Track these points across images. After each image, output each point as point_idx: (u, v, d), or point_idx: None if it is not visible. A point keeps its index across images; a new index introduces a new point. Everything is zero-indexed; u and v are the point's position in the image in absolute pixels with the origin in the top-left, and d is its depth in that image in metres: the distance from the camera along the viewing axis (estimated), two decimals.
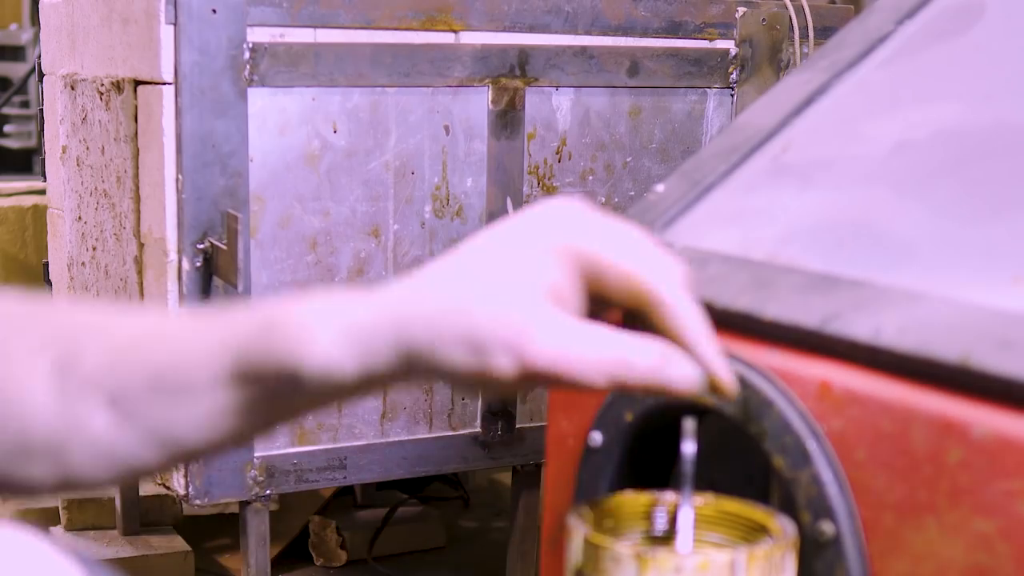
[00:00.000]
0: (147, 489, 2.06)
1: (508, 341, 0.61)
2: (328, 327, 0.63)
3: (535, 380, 0.62)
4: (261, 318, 0.65)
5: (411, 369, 0.63)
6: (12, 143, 4.41)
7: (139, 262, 1.69)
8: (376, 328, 0.63)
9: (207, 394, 0.66)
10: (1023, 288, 0.72)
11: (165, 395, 0.67)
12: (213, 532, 2.22)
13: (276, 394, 0.66)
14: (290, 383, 0.64)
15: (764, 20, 1.91)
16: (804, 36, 1.93)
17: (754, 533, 0.68)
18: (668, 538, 0.69)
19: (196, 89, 1.56)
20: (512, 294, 0.62)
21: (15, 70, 3.32)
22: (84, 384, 0.68)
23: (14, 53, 3.39)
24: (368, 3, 1.65)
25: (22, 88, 3.23)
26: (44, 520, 2.16)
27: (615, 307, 0.66)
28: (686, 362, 0.64)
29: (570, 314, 0.63)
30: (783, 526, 0.67)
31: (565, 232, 0.65)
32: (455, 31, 1.72)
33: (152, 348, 0.67)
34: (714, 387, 0.65)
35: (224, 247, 1.56)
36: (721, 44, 1.90)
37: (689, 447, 0.71)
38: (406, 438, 1.77)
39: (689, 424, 0.71)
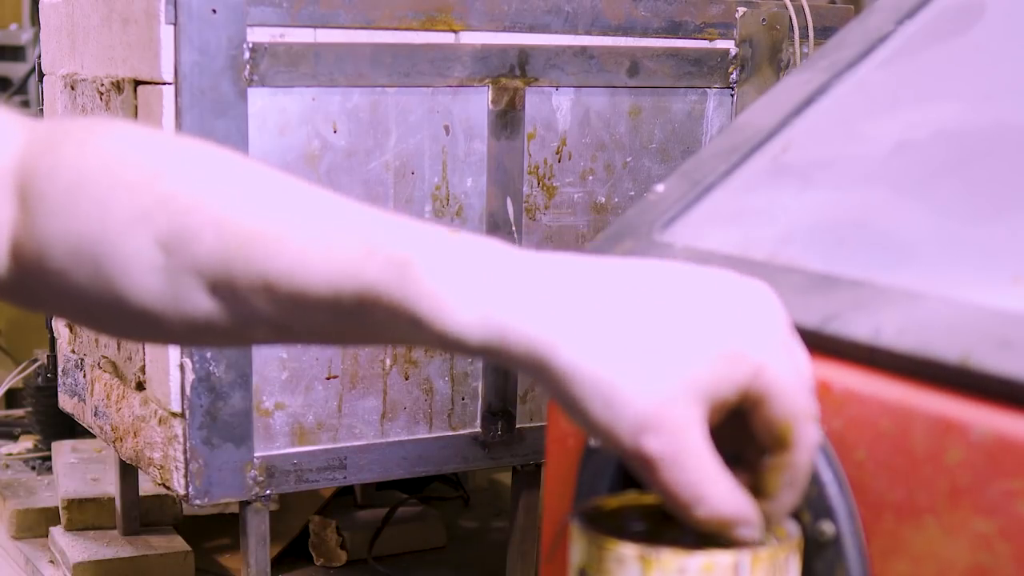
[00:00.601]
0: (147, 489, 2.06)
1: (649, 439, 0.61)
2: (467, 308, 0.61)
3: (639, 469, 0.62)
4: (399, 258, 0.62)
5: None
6: None
7: None
8: (519, 338, 0.61)
9: (319, 310, 0.65)
10: (1023, 288, 0.72)
11: (275, 300, 0.65)
12: (213, 532, 2.22)
13: (391, 331, 0.64)
14: (407, 329, 0.63)
15: (764, 20, 1.91)
16: (804, 36, 1.93)
17: None
18: (672, 539, 0.69)
19: (196, 89, 1.56)
20: (675, 398, 0.60)
21: (15, 70, 3.31)
22: (191, 268, 0.67)
23: (14, 53, 3.38)
24: (368, 3, 1.65)
25: (22, 88, 3.22)
26: (44, 520, 2.16)
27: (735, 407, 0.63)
28: (757, 528, 0.65)
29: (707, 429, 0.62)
30: (787, 528, 0.68)
31: (760, 342, 0.62)
32: (455, 31, 1.72)
33: (271, 253, 0.65)
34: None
35: None
36: (721, 44, 1.90)
37: None
38: (406, 438, 1.77)
39: None
